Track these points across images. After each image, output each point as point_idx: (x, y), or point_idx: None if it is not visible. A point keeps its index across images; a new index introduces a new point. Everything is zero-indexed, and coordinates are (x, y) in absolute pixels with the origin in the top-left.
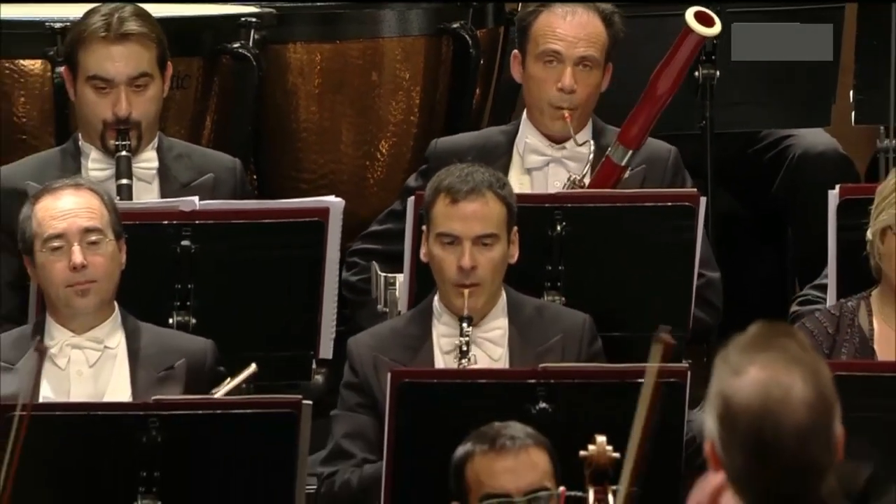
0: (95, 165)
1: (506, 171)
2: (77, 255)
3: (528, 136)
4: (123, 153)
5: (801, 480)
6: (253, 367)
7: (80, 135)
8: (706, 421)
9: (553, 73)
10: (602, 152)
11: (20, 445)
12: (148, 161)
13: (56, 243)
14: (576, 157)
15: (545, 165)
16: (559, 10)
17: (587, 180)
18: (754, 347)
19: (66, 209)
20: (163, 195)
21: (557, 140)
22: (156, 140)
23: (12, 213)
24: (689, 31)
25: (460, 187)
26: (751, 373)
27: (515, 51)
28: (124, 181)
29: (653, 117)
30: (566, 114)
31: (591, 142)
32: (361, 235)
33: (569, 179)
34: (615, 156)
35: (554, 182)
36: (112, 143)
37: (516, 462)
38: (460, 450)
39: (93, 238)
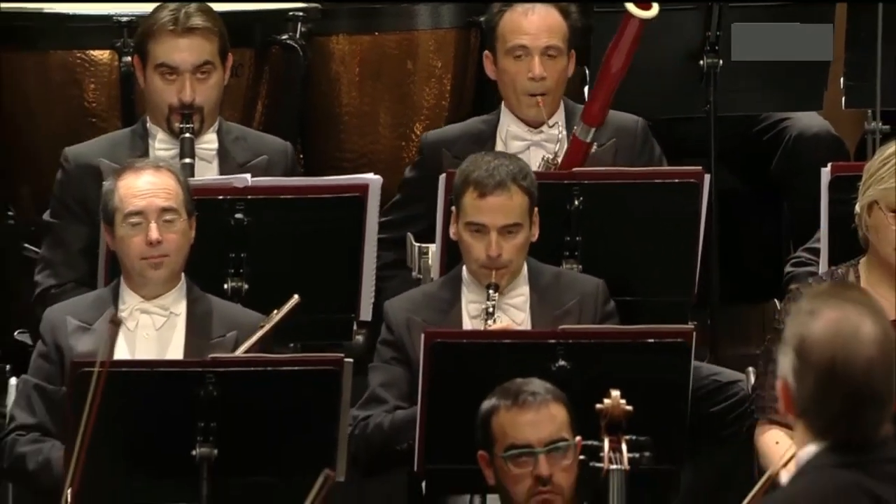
0: (161, 146)
1: None
2: (154, 232)
3: (508, 125)
4: (187, 135)
5: (865, 410)
6: (296, 297)
7: (147, 117)
8: (781, 362)
9: (523, 65)
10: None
11: (97, 398)
12: (209, 143)
13: (135, 220)
14: (551, 138)
15: (526, 149)
16: (520, 8)
17: (559, 159)
18: (827, 295)
19: (146, 189)
20: (221, 174)
21: (534, 125)
22: (216, 124)
23: (85, 187)
24: (630, 16)
25: (487, 182)
26: (825, 313)
27: (486, 51)
28: (187, 160)
29: (609, 94)
30: (539, 100)
31: (560, 123)
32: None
33: (543, 159)
34: (581, 134)
35: (534, 163)
36: (177, 125)
37: (537, 416)
38: (486, 404)
39: (168, 217)
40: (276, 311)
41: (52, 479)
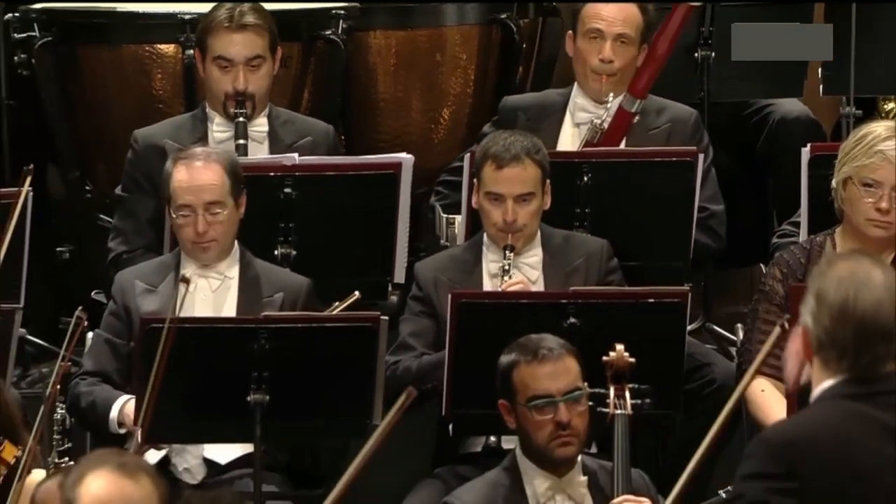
0: (218, 129)
1: (560, 124)
2: (200, 225)
3: (578, 98)
4: (241, 119)
5: (873, 343)
6: (356, 294)
7: (206, 104)
8: (802, 312)
9: (595, 46)
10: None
11: (166, 351)
12: (260, 126)
13: (185, 212)
14: (606, 116)
15: (589, 122)
16: None
17: (606, 125)
18: (842, 256)
19: (195, 185)
20: (271, 153)
21: (600, 102)
22: (267, 109)
23: (152, 165)
24: (679, 3)
25: (504, 155)
26: (840, 265)
27: (570, 31)
28: (241, 141)
29: (656, 71)
30: (603, 78)
31: (612, 95)
32: (439, 181)
33: (591, 123)
34: (627, 104)
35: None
36: (232, 110)
37: (555, 368)
38: (505, 359)
39: (215, 209)
40: (337, 304)
41: (97, 418)
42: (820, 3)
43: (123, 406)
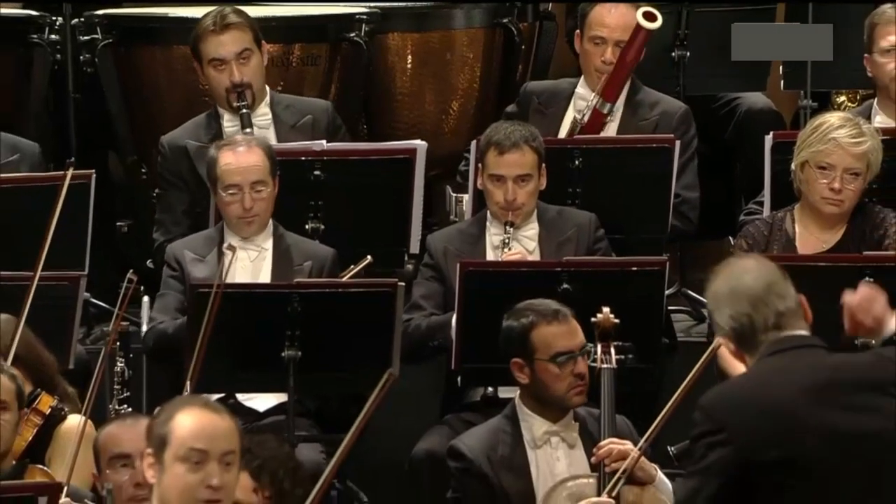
0: (229, 124)
1: (566, 109)
2: (247, 202)
3: (580, 88)
4: (244, 110)
5: (770, 303)
6: (368, 258)
7: (216, 106)
8: (717, 330)
9: (599, 50)
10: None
11: (213, 314)
12: (263, 114)
13: (232, 191)
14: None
15: (587, 111)
16: (608, 4)
17: (585, 120)
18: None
19: (241, 166)
20: (278, 137)
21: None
22: (267, 97)
23: (179, 164)
24: (640, 27)
25: (505, 143)
26: (719, 272)
27: (577, 31)
28: (248, 130)
29: (623, 81)
30: (605, 75)
31: (594, 94)
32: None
33: (574, 119)
34: (600, 107)
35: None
36: (235, 104)
37: (570, 328)
38: (520, 322)
39: (258, 188)
40: (352, 267)
41: (167, 342)
42: (781, 2)
43: None
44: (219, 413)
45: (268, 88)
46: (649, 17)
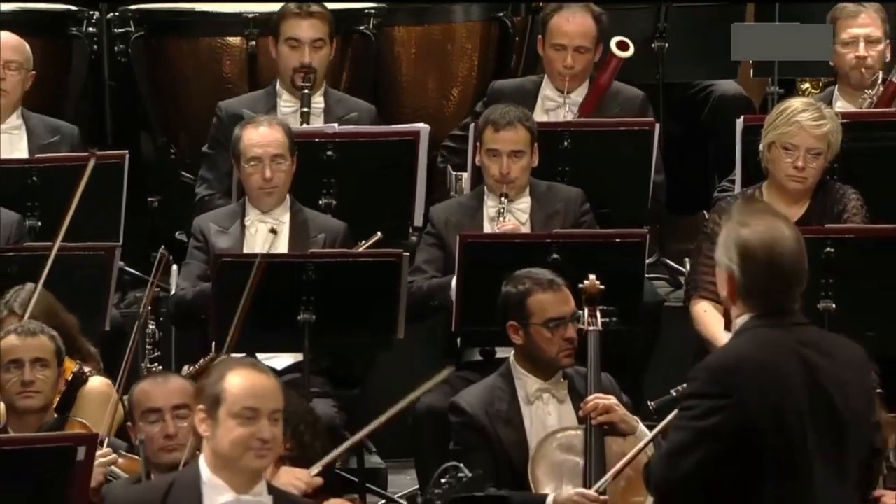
0: (285, 104)
1: (533, 108)
2: (268, 172)
3: (546, 89)
4: (306, 91)
5: (792, 286)
6: (379, 234)
7: (277, 82)
8: (721, 261)
9: (560, 55)
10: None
11: (255, 282)
12: (318, 102)
13: (254, 163)
14: (573, 104)
15: (555, 108)
16: (565, 13)
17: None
18: (748, 210)
19: (262, 141)
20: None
21: (563, 92)
22: (323, 89)
23: (232, 128)
24: (614, 55)
25: (501, 121)
26: (756, 224)
27: (540, 36)
28: (305, 109)
29: (597, 99)
30: (566, 77)
31: (571, 99)
32: (443, 145)
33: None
34: (575, 118)
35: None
36: (298, 83)
37: (564, 296)
38: (518, 288)
39: (279, 161)
40: (363, 242)
41: (187, 307)
42: (750, 2)
43: None
44: (266, 374)
45: (325, 83)
46: (622, 46)
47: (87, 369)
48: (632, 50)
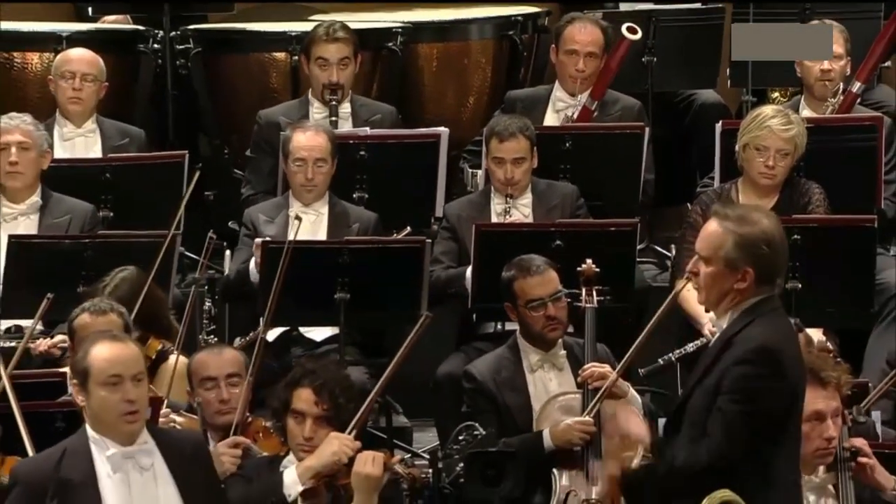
0: (316, 111)
1: (544, 111)
2: (310, 173)
3: (557, 92)
4: (333, 103)
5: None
6: (408, 228)
7: (309, 94)
8: (740, 258)
9: (572, 60)
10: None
11: (285, 267)
12: (345, 109)
13: (299, 164)
14: (579, 106)
15: (566, 108)
16: (577, 24)
17: (575, 116)
18: (744, 210)
19: (308, 145)
20: (353, 126)
21: (574, 95)
22: (349, 96)
23: (271, 134)
24: (624, 38)
25: (504, 133)
26: (763, 220)
27: (553, 45)
28: (333, 118)
29: (607, 83)
30: (577, 81)
31: (581, 97)
32: (466, 149)
33: (566, 115)
34: (588, 104)
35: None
36: (327, 97)
37: (542, 279)
38: (506, 275)
39: (319, 164)
40: (395, 233)
41: (230, 286)
42: (728, 2)
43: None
44: (125, 342)
45: (350, 91)
46: (632, 30)
47: (168, 346)
48: (640, 34)
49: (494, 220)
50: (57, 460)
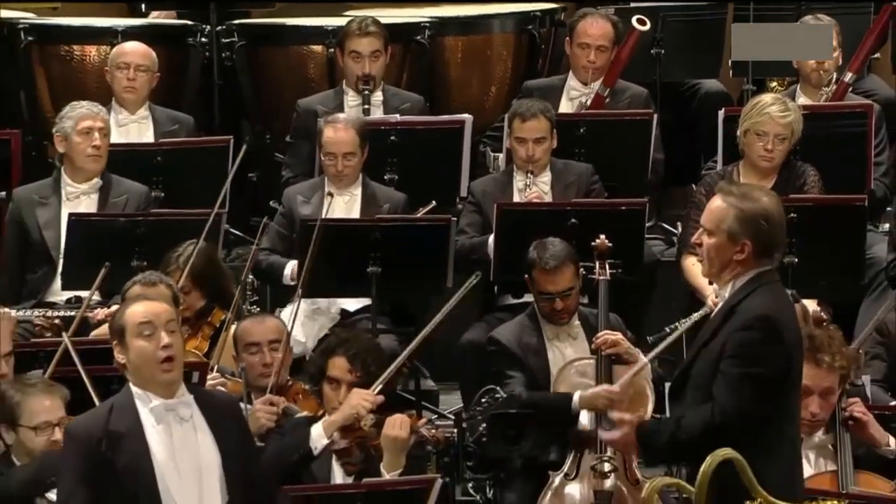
0: (351, 101)
1: (559, 99)
2: (339, 166)
3: (571, 81)
4: (366, 92)
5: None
6: (433, 203)
7: (343, 84)
8: (739, 230)
9: (584, 52)
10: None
11: (318, 240)
12: (377, 98)
13: (330, 158)
14: (591, 94)
15: (579, 97)
16: (589, 19)
17: (589, 102)
18: (747, 188)
19: (337, 140)
20: (384, 114)
21: (586, 84)
22: (381, 86)
23: (309, 121)
24: (634, 28)
25: (526, 113)
26: (764, 198)
27: (567, 38)
28: (366, 107)
29: (619, 71)
30: (589, 71)
31: (591, 81)
32: (486, 134)
33: (580, 102)
34: (601, 91)
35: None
36: (360, 87)
37: (554, 277)
38: (530, 256)
39: (348, 158)
40: (421, 208)
41: (273, 272)
42: (730, 2)
43: (293, 268)
44: (155, 300)
45: (382, 81)
46: (641, 21)
47: (231, 318)
48: (648, 25)
49: (516, 196)
50: (106, 415)
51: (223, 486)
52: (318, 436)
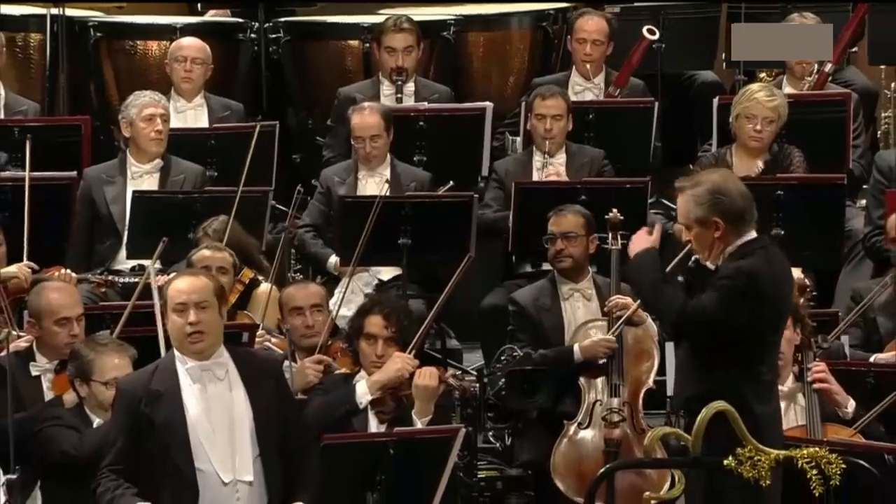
0: (386, 89)
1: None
2: (368, 148)
3: (574, 76)
4: (399, 83)
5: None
6: (451, 182)
7: (379, 75)
8: (704, 219)
9: (581, 46)
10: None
11: (374, 221)
12: (410, 88)
13: (359, 142)
14: (593, 88)
15: (582, 90)
16: (586, 16)
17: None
18: (696, 176)
19: (364, 125)
20: (416, 103)
21: (587, 78)
22: (413, 78)
23: (348, 108)
24: (644, 37)
25: (546, 92)
26: (712, 176)
27: (568, 35)
28: (399, 95)
29: (629, 73)
30: (588, 64)
31: (591, 73)
32: (504, 122)
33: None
34: (612, 90)
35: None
36: (394, 78)
37: (559, 219)
38: (548, 215)
39: (376, 140)
40: (441, 187)
41: (318, 262)
42: (725, 2)
43: (335, 261)
44: (196, 276)
45: (414, 73)
46: (651, 32)
47: (260, 278)
48: (658, 35)
49: (535, 174)
50: (150, 375)
51: (254, 438)
52: (363, 393)
